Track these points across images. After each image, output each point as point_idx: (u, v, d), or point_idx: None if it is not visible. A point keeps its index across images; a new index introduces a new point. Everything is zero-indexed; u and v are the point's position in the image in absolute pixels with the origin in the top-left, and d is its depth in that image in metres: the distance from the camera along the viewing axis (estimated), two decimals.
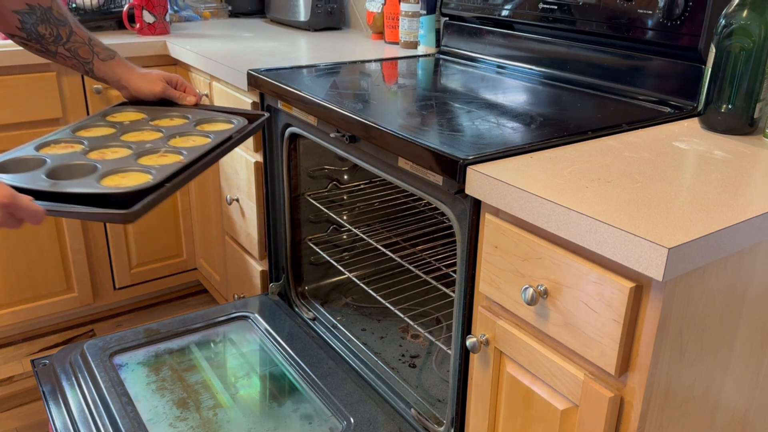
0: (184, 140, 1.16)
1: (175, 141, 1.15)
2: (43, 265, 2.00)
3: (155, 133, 1.18)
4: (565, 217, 0.79)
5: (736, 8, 1.04)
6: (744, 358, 0.92)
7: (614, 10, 1.30)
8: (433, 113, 1.22)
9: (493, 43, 1.63)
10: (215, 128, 1.22)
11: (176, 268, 2.29)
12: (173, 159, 1.07)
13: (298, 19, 2.28)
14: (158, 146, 1.12)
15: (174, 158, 1.07)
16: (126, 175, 1.01)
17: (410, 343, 1.54)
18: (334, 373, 1.35)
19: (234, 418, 1.24)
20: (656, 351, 0.77)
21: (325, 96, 1.31)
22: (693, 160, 0.97)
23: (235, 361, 1.41)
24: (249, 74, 1.53)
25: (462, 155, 0.95)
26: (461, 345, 1.07)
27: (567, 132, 1.07)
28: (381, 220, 1.78)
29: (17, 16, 1.16)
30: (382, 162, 1.18)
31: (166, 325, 1.50)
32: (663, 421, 0.84)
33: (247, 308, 1.58)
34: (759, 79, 1.05)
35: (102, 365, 1.34)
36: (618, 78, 1.34)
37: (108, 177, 1.00)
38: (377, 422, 1.22)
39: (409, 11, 1.88)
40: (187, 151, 1.09)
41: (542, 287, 0.86)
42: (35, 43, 1.20)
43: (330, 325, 1.57)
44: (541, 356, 0.90)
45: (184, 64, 1.98)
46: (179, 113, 1.28)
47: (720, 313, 0.84)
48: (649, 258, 0.70)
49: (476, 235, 0.99)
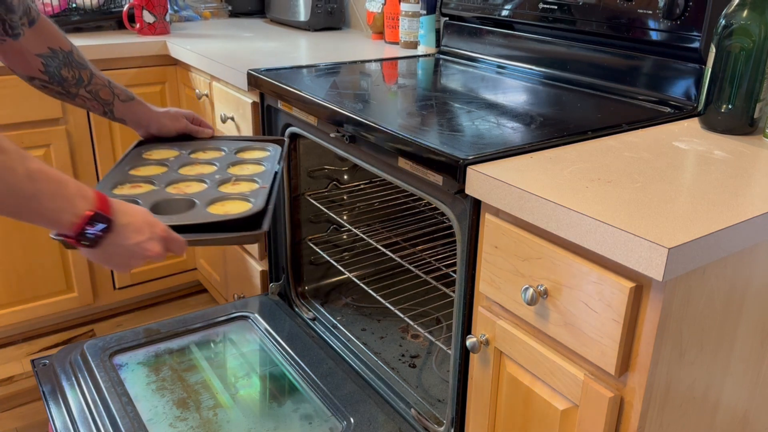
0: (239, 168, 1.25)
1: (232, 170, 1.24)
2: (43, 265, 2.00)
3: (209, 166, 1.25)
4: (565, 217, 0.79)
5: (736, 8, 1.04)
6: (744, 358, 0.92)
7: (614, 10, 1.30)
8: (433, 113, 1.22)
9: (493, 43, 1.63)
10: (256, 155, 1.32)
11: (176, 268, 2.29)
12: (249, 186, 1.17)
13: (298, 19, 2.28)
14: (227, 176, 1.20)
15: (249, 185, 1.17)
16: (225, 204, 1.10)
17: (410, 343, 1.54)
18: (334, 373, 1.35)
19: (234, 418, 1.24)
20: (656, 351, 0.77)
21: (325, 96, 1.31)
22: (693, 160, 0.97)
23: (235, 361, 1.41)
24: (249, 74, 1.53)
25: (462, 155, 0.95)
26: (461, 345, 1.07)
27: (567, 132, 1.07)
28: (381, 220, 1.78)
29: (40, 60, 1.17)
30: (382, 162, 1.18)
31: (166, 325, 1.50)
32: (663, 421, 0.84)
33: (247, 308, 1.58)
34: (759, 79, 1.05)
35: (102, 365, 1.34)
36: (618, 78, 1.34)
37: (211, 207, 1.09)
38: (377, 422, 1.22)
39: (409, 11, 1.88)
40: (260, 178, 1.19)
41: (542, 287, 0.86)
42: (57, 86, 1.22)
43: (330, 325, 1.57)
44: (541, 356, 0.90)
45: (184, 64, 1.98)
46: (212, 146, 1.34)
47: (720, 313, 0.84)
48: (649, 258, 0.70)
49: (476, 235, 0.99)
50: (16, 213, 0.76)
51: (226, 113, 1.72)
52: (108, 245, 0.83)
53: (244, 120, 1.63)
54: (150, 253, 0.88)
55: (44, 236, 1.97)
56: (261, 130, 1.58)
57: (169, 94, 2.08)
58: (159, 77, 2.05)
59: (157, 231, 0.89)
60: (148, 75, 2.02)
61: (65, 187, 0.79)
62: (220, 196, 1.11)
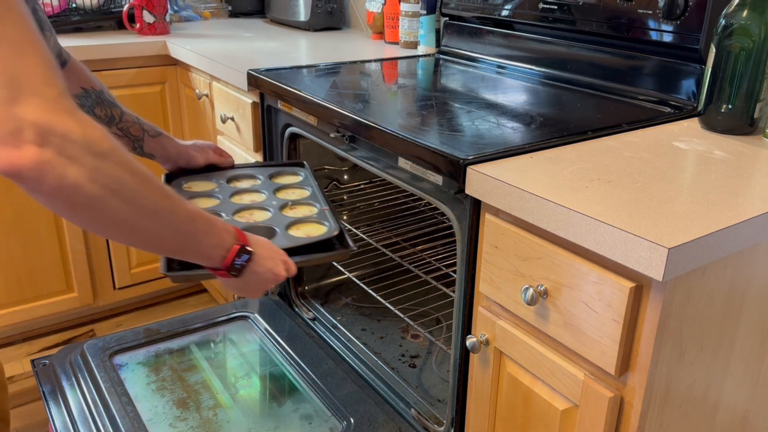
0: (285, 193, 1.32)
1: (280, 195, 1.31)
2: (43, 265, 2.00)
3: (257, 193, 1.30)
4: (565, 217, 0.79)
5: (736, 8, 1.04)
6: (744, 358, 0.92)
7: (614, 10, 1.30)
8: (433, 113, 1.22)
9: (493, 43, 1.63)
10: (291, 179, 1.39)
11: None
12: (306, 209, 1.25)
13: (298, 19, 2.28)
14: (283, 202, 1.27)
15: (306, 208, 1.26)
16: (300, 227, 1.19)
17: (410, 343, 1.54)
18: (334, 373, 1.35)
19: (234, 418, 1.24)
20: (656, 351, 0.77)
21: (325, 96, 1.31)
22: (693, 160, 0.97)
23: (235, 361, 1.41)
24: (249, 74, 1.53)
25: (462, 155, 0.95)
26: (461, 345, 1.07)
27: (567, 132, 1.07)
28: (381, 220, 1.78)
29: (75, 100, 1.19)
30: (382, 162, 1.18)
31: (166, 325, 1.50)
32: (663, 421, 0.84)
33: (247, 308, 1.58)
34: (759, 79, 1.05)
35: (102, 365, 1.34)
36: (618, 78, 1.34)
37: (290, 230, 1.17)
38: (377, 422, 1.22)
39: (409, 11, 1.88)
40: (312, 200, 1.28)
41: (542, 287, 0.86)
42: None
43: (330, 325, 1.57)
44: (541, 356, 0.90)
45: (184, 64, 1.98)
46: (243, 174, 1.39)
47: (720, 313, 0.84)
48: (649, 258, 0.70)
49: (476, 235, 0.99)
50: (175, 251, 0.83)
51: (226, 113, 1.72)
52: (248, 273, 0.90)
53: (244, 120, 1.63)
54: (278, 278, 0.95)
55: (44, 236, 1.97)
56: (261, 130, 1.58)
57: (169, 95, 2.08)
58: (159, 77, 2.05)
59: (280, 256, 0.97)
60: (148, 75, 2.02)
61: (215, 225, 0.85)
62: (295, 221, 1.19)
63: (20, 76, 0.60)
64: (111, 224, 0.70)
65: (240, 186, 1.33)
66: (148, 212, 0.73)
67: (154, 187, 0.74)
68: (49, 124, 0.60)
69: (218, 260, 0.87)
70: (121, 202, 0.69)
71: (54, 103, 0.62)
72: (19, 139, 0.58)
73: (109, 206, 0.68)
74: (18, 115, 0.59)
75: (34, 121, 0.59)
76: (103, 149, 0.66)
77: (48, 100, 0.61)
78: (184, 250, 0.83)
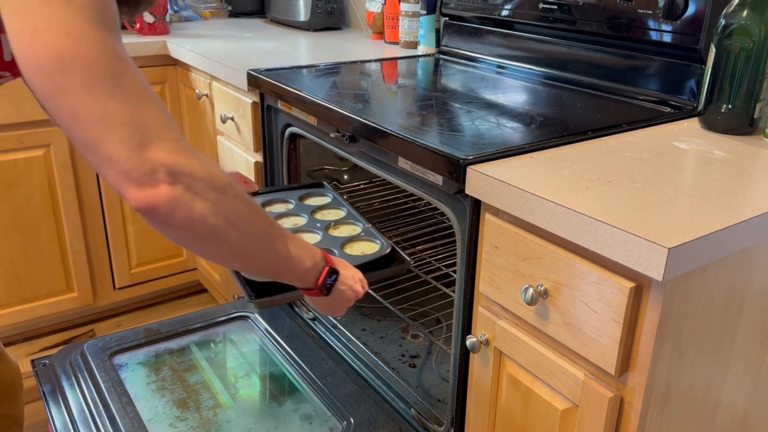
0: (321, 214, 1.39)
1: (318, 216, 1.38)
2: (43, 265, 2.00)
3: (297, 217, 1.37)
4: (565, 217, 0.79)
5: (736, 8, 1.04)
6: (744, 358, 0.92)
7: (614, 10, 1.30)
8: (433, 113, 1.22)
9: (493, 43, 1.63)
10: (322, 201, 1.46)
11: (176, 268, 2.29)
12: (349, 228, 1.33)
13: (298, 19, 2.28)
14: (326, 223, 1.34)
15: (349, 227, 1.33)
16: (352, 245, 1.26)
17: (410, 343, 1.54)
18: (334, 373, 1.35)
19: (234, 418, 1.24)
20: (656, 351, 0.77)
21: (325, 96, 1.31)
22: (693, 160, 0.97)
23: (235, 361, 1.41)
24: (249, 74, 1.53)
25: (462, 155, 0.95)
26: (461, 345, 1.07)
27: (567, 132, 1.07)
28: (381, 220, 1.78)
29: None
30: (382, 162, 1.18)
31: (166, 325, 1.50)
32: (663, 421, 0.84)
33: (247, 308, 1.58)
34: (759, 79, 1.05)
35: (102, 365, 1.34)
36: (618, 78, 1.34)
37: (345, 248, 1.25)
38: (377, 422, 1.22)
39: (409, 11, 1.88)
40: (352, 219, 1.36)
41: (542, 287, 0.86)
42: None
43: (330, 325, 1.57)
44: (541, 356, 0.90)
45: (184, 64, 1.98)
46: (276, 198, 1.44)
47: (720, 313, 0.84)
48: (649, 258, 0.70)
49: (476, 235, 0.99)
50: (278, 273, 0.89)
51: (226, 113, 1.72)
52: (335, 292, 0.96)
53: (244, 120, 1.63)
54: (358, 295, 1.02)
55: (44, 236, 1.97)
56: (261, 130, 1.58)
57: (169, 94, 2.08)
58: (159, 77, 2.05)
59: (358, 275, 1.02)
60: (148, 75, 2.02)
61: (309, 248, 0.92)
62: (348, 239, 1.27)
63: (146, 124, 0.66)
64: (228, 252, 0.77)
65: (277, 211, 1.38)
66: (259, 240, 0.80)
67: (263, 216, 0.81)
68: (176, 164, 0.67)
69: (312, 281, 0.93)
70: (238, 233, 0.75)
71: (177, 144, 0.68)
72: (154, 180, 0.65)
73: (228, 236, 0.74)
74: (150, 158, 0.65)
75: (164, 162, 0.66)
76: (222, 184, 0.72)
77: (172, 142, 0.68)
78: (284, 273, 0.89)
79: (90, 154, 0.66)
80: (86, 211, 2.04)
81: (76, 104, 0.64)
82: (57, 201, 1.96)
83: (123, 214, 2.11)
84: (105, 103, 0.65)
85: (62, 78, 0.64)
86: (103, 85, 0.65)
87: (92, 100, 0.64)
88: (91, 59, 0.64)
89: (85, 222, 2.04)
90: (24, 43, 0.64)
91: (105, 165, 0.65)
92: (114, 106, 0.65)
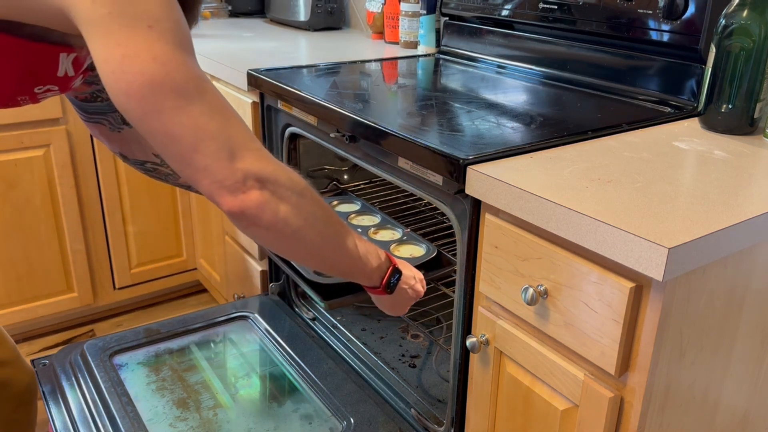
0: (358, 220, 1.43)
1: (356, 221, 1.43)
2: (43, 265, 2.00)
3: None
4: (565, 217, 0.79)
5: (736, 8, 1.04)
6: (744, 358, 0.92)
7: (614, 10, 1.30)
8: (433, 113, 1.22)
9: (493, 43, 1.63)
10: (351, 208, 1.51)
11: (176, 268, 2.29)
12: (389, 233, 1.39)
13: (298, 19, 2.28)
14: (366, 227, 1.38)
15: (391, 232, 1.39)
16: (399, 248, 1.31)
17: (410, 343, 1.54)
18: (334, 373, 1.35)
19: (234, 418, 1.24)
20: (656, 351, 0.77)
21: (325, 96, 1.31)
22: (693, 160, 0.97)
23: (235, 361, 1.41)
24: (249, 74, 1.53)
25: (462, 155, 0.95)
26: (461, 345, 1.07)
27: (567, 132, 1.07)
28: None
29: None
30: (382, 162, 1.18)
31: (166, 325, 1.50)
32: (663, 421, 0.84)
33: (247, 308, 1.58)
34: (759, 79, 1.05)
35: (102, 365, 1.34)
36: (618, 78, 1.34)
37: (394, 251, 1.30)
38: (377, 422, 1.22)
39: (409, 11, 1.88)
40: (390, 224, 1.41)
41: (542, 287, 0.86)
42: (166, 167, 1.27)
43: (330, 325, 1.57)
44: (541, 356, 0.90)
45: None
46: None
47: (720, 313, 0.84)
48: (649, 258, 0.70)
49: (476, 235, 0.99)
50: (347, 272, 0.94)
51: None
52: (398, 291, 1.01)
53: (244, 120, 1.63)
54: (418, 294, 1.06)
55: (44, 236, 1.97)
56: (261, 130, 1.58)
57: None
58: None
59: (417, 274, 1.07)
60: None
61: (374, 248, 0.97)
62: (396, 242, 1.32)
63: (233, 136, 0.73)
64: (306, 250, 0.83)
65: None
66: (333, 239, 0.87)
67: (336, 218, 0.87)
68: (263, 172, 0.74)
69: (377, 280, 0.98)
70: (316, 233, 0.82)
71: (261, 153, 0.75)
72: (246, 186, 0.72)
73: (307, 236, 0.81)
74: (240, 168, 0.72)
75: (252, 171, 0.73)
76: (301, 188, 0.79)
77: (256, 152, 0.74)
78: (353, 272, 0.94)
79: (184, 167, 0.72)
80: (86, 211, 2.04)
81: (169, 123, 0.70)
82: (57, 201, 1.97)
83: (123, 214, 2.11)
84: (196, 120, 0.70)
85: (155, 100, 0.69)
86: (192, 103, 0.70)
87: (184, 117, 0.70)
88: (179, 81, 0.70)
89: (85, 222, 2.04)
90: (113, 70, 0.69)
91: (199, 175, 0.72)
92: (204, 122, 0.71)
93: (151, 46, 0.69)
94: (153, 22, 0.70)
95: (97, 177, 2.03)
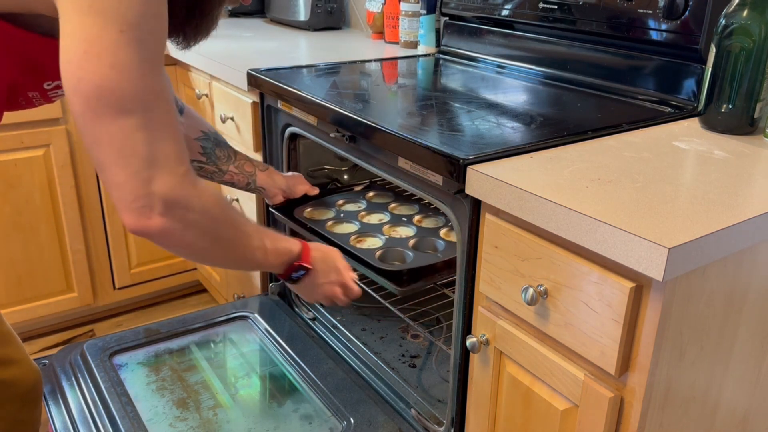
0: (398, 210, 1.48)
1: (397, 212, 1.46)
2: (43, 265, 2.00)
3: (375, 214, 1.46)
4: (565, 217, 0.79)
5: (736, 8, 1.04)
6: (744, 359, 0.92)
7: (614, 10, 1.30)
8: (433, 113, 1.22)
9: (493, 43, 1.63)
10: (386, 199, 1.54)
11: (176, 268, 2.29)
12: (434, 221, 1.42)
13: (298, 18, 2.28)
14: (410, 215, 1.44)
15: (434, 220, 1.42)
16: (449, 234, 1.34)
17: (410, 343, 1.54)
18: (334, 373, 1.35)
19: (234, 418, 1.24)
20: (656, 351, 0.77)
21: (325, 96, 1.31)
22: (693, 160, 0.97)
23: (235, 361, 1.41)
24: (249, 74, 1.53)
25: (462, 155, 0.95)
26: (461, 345, 1.07)
27: (567, 132, 1.07)
28: None
29: (199, 143, 1.28)
30: (382, 162, 1.18)
31: (166, 325, 1.50)
32: (663, 421, 0.84)
33: (247, 308, 1.58)
34: (759, 79, 1.05)
35: (102, 365, 1.34)
36: (618, 78, 1.34)
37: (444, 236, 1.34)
38: (377, 422, 1.22)
39: (409, 11, 1.88)
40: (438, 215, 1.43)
41: (542, 287, 0.86)
42: (212, 165, 1.30)
43: (330, 325, 1.57)
44: (541, 356, 0.90)
45: (184, 64, 1.98)
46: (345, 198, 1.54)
47: (720, 313, 0.84)
48: (650, 258, 0.70)
49: (476, 235, 0.99)
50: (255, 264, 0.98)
51: (226, 113, 1.72)
52: (305, 284, 1.06)
53: (244, 120, 1.63)
54: (330, 294, 1.10)
55: (44, 236, 1.97)
56: (261, 130, 1.58)
57: None
58: None
59: (338, 278, 1.10)
60: None
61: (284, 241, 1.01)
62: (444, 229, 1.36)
63: (160, 159, 0.73)
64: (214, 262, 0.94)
65: (351, 210, 1.47)
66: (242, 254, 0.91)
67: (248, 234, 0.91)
68: (175, 199, 0.75)
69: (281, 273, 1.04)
70: (224, 251, 0.87)
71: (183, 178, 0.75)
72: (152, 211, 0.74)
73: (215, 254, 0.87)
74: (153, 192, 0.73)
75: (164, 197, 0.74)
76: (215, 214, 0.82)
77: (178, 177, 0.75)
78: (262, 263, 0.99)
79: (101, 173, 0.73)
80: (86, 211, 2.04)
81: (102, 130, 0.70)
82: (57, 201, 1.97)
83: None
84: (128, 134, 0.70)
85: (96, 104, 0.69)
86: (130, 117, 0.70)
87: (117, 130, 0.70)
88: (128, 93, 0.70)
89: (85, 222, 2.04)
90: (70, 60, 0.69)
91: (111, 188, 0.73)
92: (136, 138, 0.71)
93: (115, 52, 0.68)
94: (127, 28, 0.69)
95: (97, 177, 2.03)
